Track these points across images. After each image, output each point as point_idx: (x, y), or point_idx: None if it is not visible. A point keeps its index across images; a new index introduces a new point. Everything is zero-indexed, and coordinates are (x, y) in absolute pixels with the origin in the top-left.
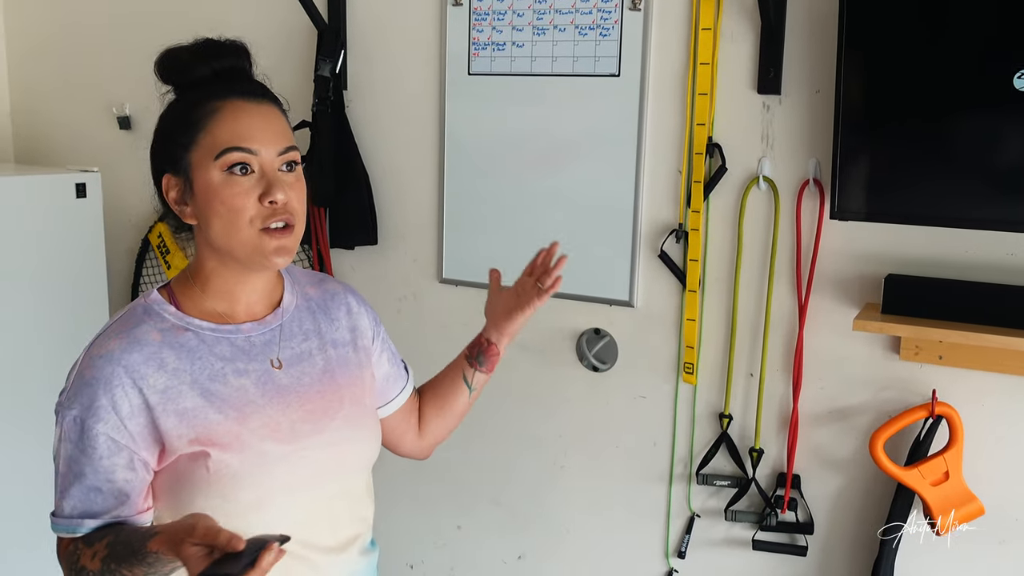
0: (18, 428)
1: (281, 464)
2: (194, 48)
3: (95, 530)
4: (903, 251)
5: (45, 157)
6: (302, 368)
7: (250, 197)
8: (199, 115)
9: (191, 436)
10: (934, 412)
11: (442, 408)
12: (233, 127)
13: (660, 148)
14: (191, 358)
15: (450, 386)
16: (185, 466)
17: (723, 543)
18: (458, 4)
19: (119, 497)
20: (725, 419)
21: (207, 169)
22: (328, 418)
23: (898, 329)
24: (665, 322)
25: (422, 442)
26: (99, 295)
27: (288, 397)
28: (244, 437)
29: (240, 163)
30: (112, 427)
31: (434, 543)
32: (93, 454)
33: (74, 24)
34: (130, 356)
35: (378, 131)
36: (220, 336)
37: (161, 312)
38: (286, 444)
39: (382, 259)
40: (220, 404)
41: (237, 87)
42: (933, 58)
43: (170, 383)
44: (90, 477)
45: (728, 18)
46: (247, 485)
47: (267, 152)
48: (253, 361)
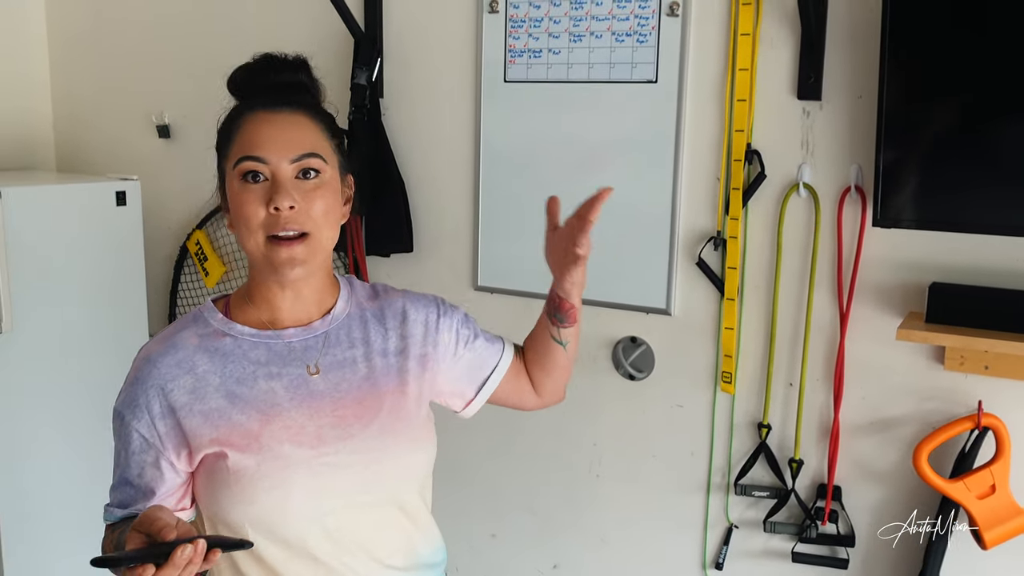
0: (58, 432)
1: (301, 468)
2: (251, 67)
3: (120, 520)
4: (947, 259)
5: (85, 165)
6: (342, 374)
7: (259, 204)
8: (229, 128)
9: (212, 436)
10: (980, 423)
11: (545, 367)
12: (249, 137)
13: (698, 155)
14: (224, 362)
15: (543, 345)
16: (210, 466)
17: (762, 554)
18: (494, 11)
19: (145, 493)
20: (764, 429)
21: (230, 178)
22: (361, 425)
23: (943, 339)
24: (703, 331)
25: (542, 398)
26: (138, 302)
27: (320, 402)
28: (263, 439)
29: (251, 171)
30: (144, 426)
31: (468, 551)
32: (129, 448)
33: (115, 34)
34: (164, 359)
35: (414, 139)
36: (259, 342)
37: (208, 318)
38: (308, 448)
39: (417, 266)
40: (243, 406)
41: (263, 99)
42: (978, 61)
43: (197, 385)
44: (124, 470)
45: (767, 23)
46: (266, 487)
47: (278, 160)
48: (288, 365)
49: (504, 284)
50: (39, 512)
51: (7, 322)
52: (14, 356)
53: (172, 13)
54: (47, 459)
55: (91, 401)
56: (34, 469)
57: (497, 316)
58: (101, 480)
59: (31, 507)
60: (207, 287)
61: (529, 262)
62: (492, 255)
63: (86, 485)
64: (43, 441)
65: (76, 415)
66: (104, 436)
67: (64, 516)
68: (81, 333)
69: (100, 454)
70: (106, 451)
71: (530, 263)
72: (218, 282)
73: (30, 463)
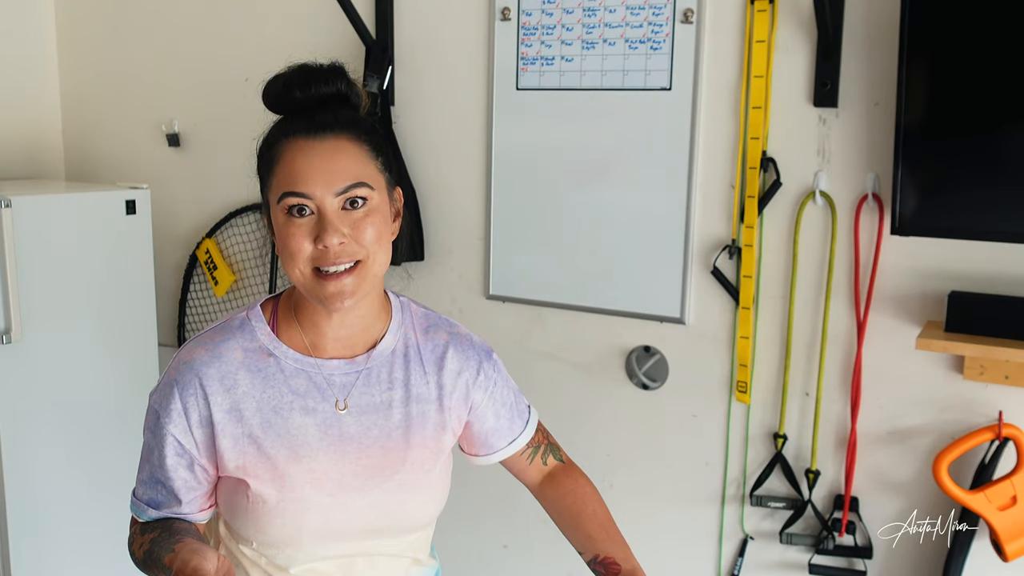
0: (67, 441)
1: (317, 512)
2: (286, 78)
3: (153, 521)
4: (966, 267)
5: (94, 174)
6: (375, 419)
7: (306, 239)
8: (270, 154)
9: (238, 463)
10: (1001, 434)
11: (557, 520)
12: (290, 170)
13: (713, 162)
14: (264, 385)
15: (571, 532)
16: (232, 487)
17: (778, 566)
18: (506, 19)
19: (176, 496)
20: (780, 439)
21: (274, 210)
22: (383, 478)
23: (964, 348)
24: (717, 340)
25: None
26: (147, 311)
27: (348, 447)
28: (287, 478)
29: (297, 206)
30: (180, 431)
31: (479, 563)
32: (162, 450)
33: (124, 42)
34: (208, 369)
35: (425, 147)
36: (300, 369)
37: (256, 329)
38: (327, 495)
39: (428, 275)
40: (274, 439)
41: (304, 122)
42: (998, 69)
43: (235, 405)
44: (157, 469)
45: (783, 30)
46: (280, 524)
47: (322, 193)
48: (325, 401)
49: (516, 293)
50: (47, 521)
51: (16, 331)
52: (23, 365)
53: (182, 21)
54: (56, 468)
55: (100, 410)
56: (43, 478)
57: (509, 325)
58: (109, 490)
59: (40, 516)
60: (217, 296)
61: (541, 271)
62: (504, 264)
63: (95, 494)
64: (52, 450)
65: (85, 424)
66: (114, 444)
67: (72, 525)
68: (90, 342)
69: (109, 463)
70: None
71: (542, 272)
72: (228, 291)
73: (39, 472)
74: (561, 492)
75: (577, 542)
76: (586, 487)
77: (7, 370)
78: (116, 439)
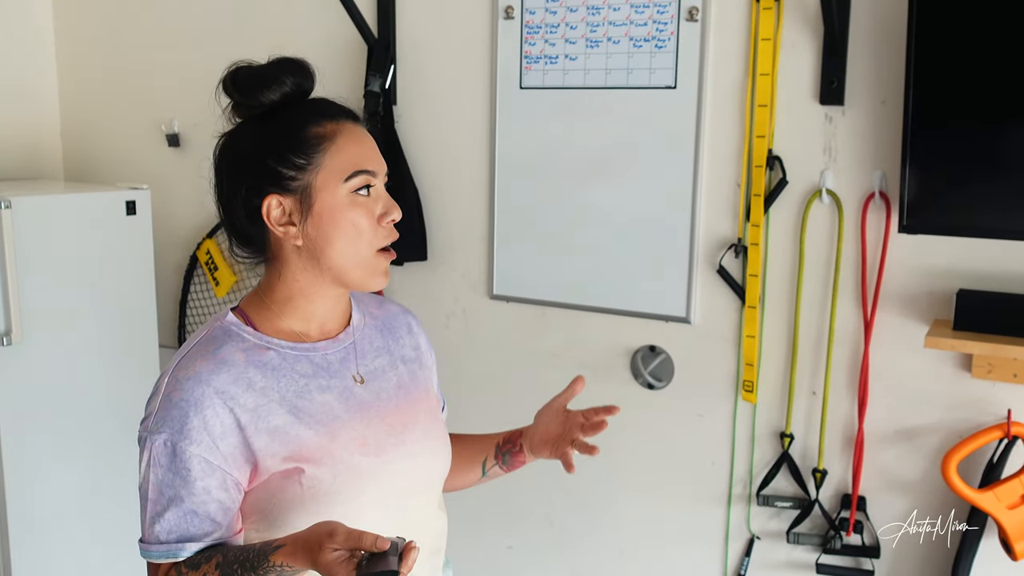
0: (68, 442)
1: (370, 478)
2: (275, 66)
3: (197, 553)
4: (974, 266)
5: (93, 174)
6: (379, 383)
7: (372, 218)
8: (316, 135)
9: (284, 453)
10: (1010, 432)
11: (453, 471)
12: (358, 150)
13: (718, 161)
14: (276, 376)
15: (467, 457)
16: (278, 484)
17: (784, 566)
18: (510, 17)
19: (215, 520)
20: (786, 439)
21: (333, 190)
22: (408, 431)
23: (972, 347)
24: (723, 339)
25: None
26: (148, 312)
27: (369, 412)
28: (336, 452)
29: (367, 185)
30: (205, 448)
31: (484, 563)
32: (188, 476)
33: (123, 42)
34: (219, 377)
35: (428, 146)
36: (299, 354)
37: (240, 332)
38: (374, 457)
39: (431, 275)
40: (309, 420)
41: (337, 108)
42: (1006, 66)
43: (259, 402)
44: (187, 500)
45: (789, 28)
46: (340, 500)
47: (381, 172)
48: (334, 378)
49: (520, 293)
50: (48, 522)
51: (17, 333)
52: (24, 367)
53: (182, 20)
54: (56, 469)
55: (101, 412)
56: (43, 479)
57: (512, 325)
58: (110, 491)
59: (41, 517)
60: (217, 297)
61: (545, 270)
62: (508, 263)
63: (96, 495)
64: (53, 451)
65: (86, 426)
66: (115, 446)
67: (73, 526)
68: (91, 344)
69: (110, 464)
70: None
71: (546, 271)
72: (228, 291)
73: (39, 473)
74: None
75: (473, 460)
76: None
77: (7, 372)
78: (116, 441)
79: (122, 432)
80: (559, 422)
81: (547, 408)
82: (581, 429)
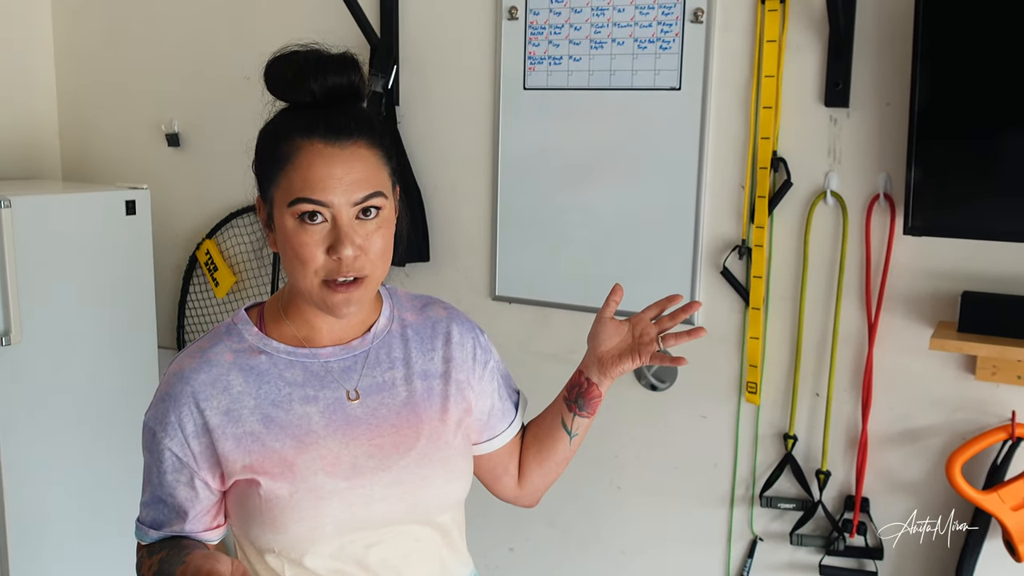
0: (67, 442)
1: (334, 500)
2: (297, 66)
3: (158, 541)
4: (978, 268)
5: (92, 174)
6: (381, 398)
7: (319, 248)
8: (284, 151)
9: (245, 462)
10: (1014, 434)
11: (540, 453)
12: (307, 175)
13: (722, 162)
14: (259, 382)
15: (548, 431)
16: (243, 492)
17: (787, 567)
18: (513, 18)
19: (179, 513)
20: (790, 440)
21: (282, 212)
22: (398, 455)
23: (977, 348)
24: (727, 340)
25: (521, 490)
26: (147, 312)
27: (356, 429)
28: (297, 468)
29: (310, 212)
30: (177, 444)
31: (485, 566)
32: (161, 467)
33: (122, 41)
34: (198, 376)
35: (431, 147)
36: (295, 360)
37: (243, 331)
38: (342, 480)
39: (434, 276)
40: (278, 432)
41: (322, 125)
42: (1011, 68)
43: (232, 406)
44: (157, 488)
45: (794, 30)
46: (297, 519)
47: (340, 202)
48: (325, 388)
49: (522, 294)
50: (47, 522)
51: (16, 333)
52: (23, 367)
53: (182, 19)
54: (55, 470)
55: (100, 412)
56: (42, 480)
57: (515, 326)
58: (110, 490)
59: (39, 516)
60: (217, 297)
61: (548, 272)
62: (510, 265)
63: (95, 495)
64: (52, 452)
65: (85, 425)
66: (114, 446)
67: (72, 527)
68: (90, 344)
69: (109, 464)
70: (116, 462)
71: (549, 273)
72: (228, 292)
73: (38, 474)
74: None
75: (553, 432)
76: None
77: (6, 372)
78: (116, 441)
79: (121, 432)
80: (622, 332)
81: (599, 328)
82: (657, 332)
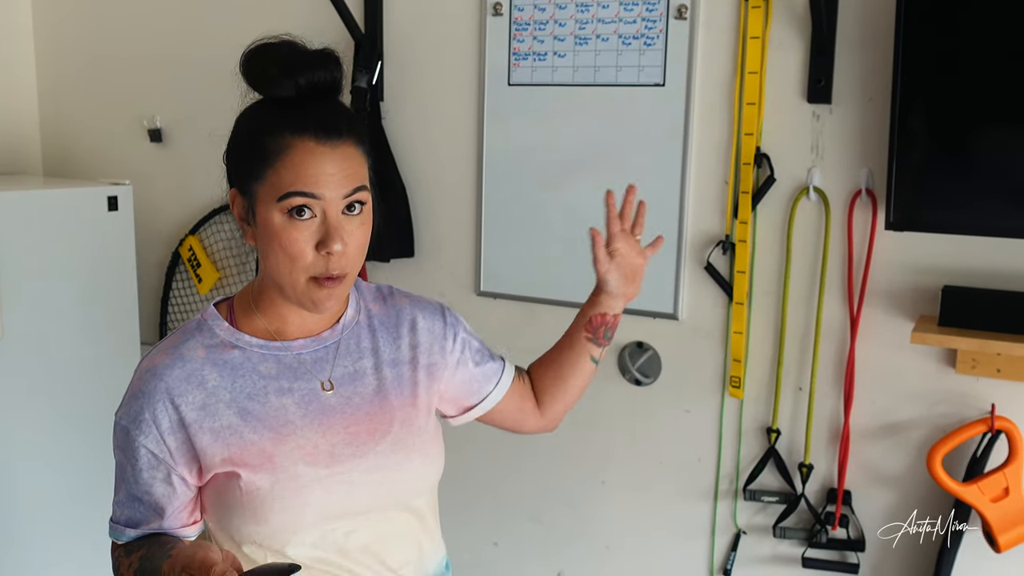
0: (49, 439)
1: (315, 488)
2: (281, 60)
3: (135, 539)
4: (959, 262)
5: (73, 170)
6: (354, 387)
7: (308, 244)
8: (271, 148)
9: (224, 455)
10: (993, 427)
11: (564, 387)
12: (300, 170)
13: (706, 158)
14: (233, 376)
15: (572, 366)
16: (222, 484)
17: (771, 560)
18: (498, 14)
19: (156, 510)
20: (773, 434)
21: (268, 207)
22: (374, 442)
23: (957, 342)
24: (711, 335)
25: (544, 419)
26: (130, 309)
27: (332, 419)
28: (277, 459)
29: (301, 206)
30: (152, 441)
31: (470, 560)
32: (136, 465)
33: (104, 34)
34: (172, 372)
35: (415, 143)
36: (267, 353)
37: (213, 327)
38: (322, 468)
39: (418, 271)
40: (256, 424)
41: (314, 121)
42: (993, 64)
43: (208, 401)
44: (132, 486)
45: (777, 26)
46: (279, 508)
47: (332, 196)
48: (299, 380)
49: (507, 289)
50: (29, 519)
51: None
52: (5, 364)
53: (164, 14)
54: (39, 467)
55: (82, 409)
56: (25, 477)
57: (500, 321)
58: (93, 488)
59: (22, 514)
60: (200, 294)
61: (532, 267)
62: (495, 260)
63: (78, 493)
64: (34, 448)
65: (67, 423)
66: (96, 444)
67: (55, 524)
68: (72, 340)
69: (92, 462)
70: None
71: (533, 268)
72: (212, 288)
73: (20, 469)
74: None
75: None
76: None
77: None
78: (98, 437)
79: (103, 428)
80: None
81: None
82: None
